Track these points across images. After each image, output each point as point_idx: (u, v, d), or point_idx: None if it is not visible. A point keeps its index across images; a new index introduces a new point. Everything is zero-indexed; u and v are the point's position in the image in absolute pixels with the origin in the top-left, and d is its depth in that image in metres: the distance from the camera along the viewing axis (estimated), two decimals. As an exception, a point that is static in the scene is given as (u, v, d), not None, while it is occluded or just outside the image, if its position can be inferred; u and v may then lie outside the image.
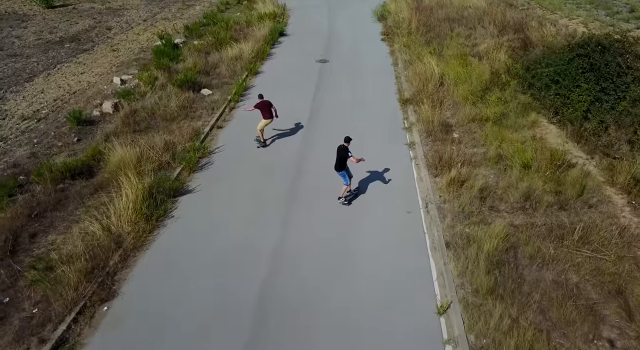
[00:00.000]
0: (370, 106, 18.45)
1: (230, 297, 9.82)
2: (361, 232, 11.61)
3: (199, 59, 22.70)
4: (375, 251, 10.95)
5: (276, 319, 9.30)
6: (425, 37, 25.76)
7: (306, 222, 12.03)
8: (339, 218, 12.15)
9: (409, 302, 9.58)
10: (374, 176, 13.99)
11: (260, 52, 24.19)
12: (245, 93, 19.93)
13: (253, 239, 11.43)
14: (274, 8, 32.42)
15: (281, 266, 10.58)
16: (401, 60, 22.93)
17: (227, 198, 13.00)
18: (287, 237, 11.54)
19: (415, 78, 19.91)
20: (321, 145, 15.53)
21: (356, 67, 22.69)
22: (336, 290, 9.96)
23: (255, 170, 14.37)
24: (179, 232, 11.61)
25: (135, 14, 31.18)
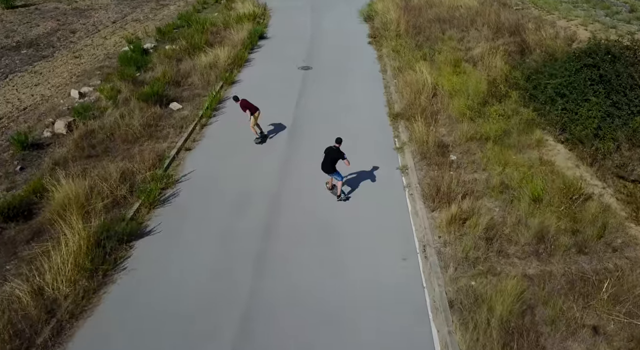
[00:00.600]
0: (357, 122, 16.56)
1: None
2: (347, 286, 9.75)
3: (170, 67, 20.57)
4: (364, 313, 9.11)
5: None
6: (415, 40, 23.91)
7: (282, 272, 10.14)
8: (321, 265, 10.27)
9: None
10: (363, 208, 12.14)
11: (238, 58, 22.12)
12: (219, 107, 17.89)
13: (220, 297, 9.52)
14: (254, 8, 30.27)
15: (253, 332, 8.70)
16: (390, 67, 21.06)
17: (192, 241, 11.04)
18: (260, 290, 9.65)
19: (405, 88, 18.05)
20: (302, 172, 13.63)
21: (341, 75, 20.76)
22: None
23: (226, 202, 12.42)
24: (131, 291, 9.62)
25: (104, 15, 28.82)
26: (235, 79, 20.51)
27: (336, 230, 11.39)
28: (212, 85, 19.41)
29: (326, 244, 10.91)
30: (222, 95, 18.77)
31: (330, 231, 11.34)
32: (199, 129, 16.21)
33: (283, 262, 10.38)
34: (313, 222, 11.63)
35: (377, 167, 13.94)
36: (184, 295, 9.55)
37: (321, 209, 12.16)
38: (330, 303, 9.34)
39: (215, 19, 29.24)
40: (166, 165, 13.76)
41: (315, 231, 11.31)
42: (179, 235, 11.23)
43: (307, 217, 11.81)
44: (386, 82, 19.93)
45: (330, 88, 19.33)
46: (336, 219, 11.78)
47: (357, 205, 12.28)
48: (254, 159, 14.45)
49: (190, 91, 18.90)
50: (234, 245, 10.91)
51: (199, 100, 18.11)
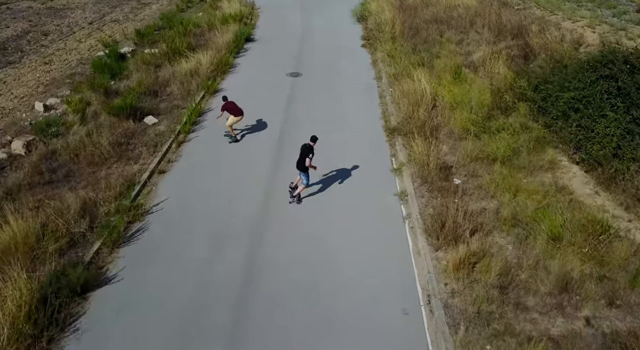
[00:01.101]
0: (350, 137, 14.96)
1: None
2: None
3: (147, 75, 18.81)
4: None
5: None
6: (411, 43, 22.31)
7: (264, 336, 8.58)
8: (307, 328, 8.71)
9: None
10: (355, 245, 10.58)
11: (222, 64, 20.38)
12: (199, 120, 16.22)
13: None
14: (241, 7, 28.46)
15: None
16: (385, 74, 19.44)
17: (160, 291, 9.41)
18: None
19: (402, 99, 16.45)
20: (287, 201, 12.06)
21: (333, 82, 19.12)
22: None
23: (203, 238, 10.80)
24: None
25: (80, 16, 26.90)
26: (219, 87, 18.80)
27: (326, 273, 9.83)
28: (193, 95, 17.70)
29: (314, 294, 9.35)
30: (203, 107, 17.08)
31: (320, 274, 9.78)
32: (176, 147, 14.52)
33: (266, 321, 8.82)
34: (301, 264, 10.07)
35: (372, 193, 12.39)
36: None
37: (310, 247, 10.60)
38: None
39: (200, 19, 27.41)
40: (135, 194, 12.10)
41: (303, 277, 9.74)
42: (145, 283, 9.60)
43: (294, 257, 10.25)
44: (381, 91, 18.32)
45: (321, 97, 17.69)
46: (327, 258, 10.22)
47: (351, 240, 10.73)
48: (236, 182, 12.83)
49: (168, 102, 17.18)
50: (210, 295, 9.32)
51: (178, 112, 16.41)
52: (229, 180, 12.94)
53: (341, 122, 15.94)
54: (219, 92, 18.35)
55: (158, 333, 8.48)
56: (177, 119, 15.95)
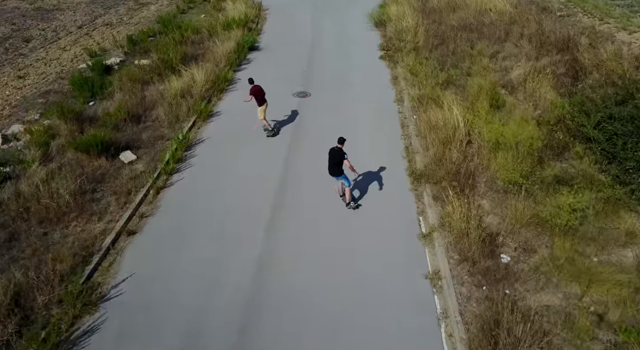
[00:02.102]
0: (367, 184, 12.04)
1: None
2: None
3: (132, 95, 16.01)
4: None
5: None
6: (436, 55, 19.16)
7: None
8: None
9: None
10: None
11: (220, 80, 17.48)
12: (187, 155, 13.39)
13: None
14: (247, 9, 25.44)
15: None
16: (408, 96, 16.34)
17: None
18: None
19: (430, 133, 13.40)
20: (290, 281, 9.18)
21: (347, 105, 16.06)
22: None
23: (176, 340, 8.04)
24: None
25: (70, 18, 24.13)
26: (214, 110, 15.93)
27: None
28: (182, 121, 14.88)
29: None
30: (193, 138, 14.23)
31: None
32: (154, 194, 11.71)
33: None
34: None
35: (395, 271, 9.44)
36: None
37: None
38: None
39: (201, 22, 24.48)
40: (90, 270, 9.35)
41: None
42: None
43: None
44: (403, 118, 15.26)
45: (332, 125, 14.67)
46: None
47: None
48: (224, 249, 9.99)
49: (152, 131, 14.36)
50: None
51: (162, 145, 13.60)
52: (217, 244, 10.12)
53: (355, 161, 12.97)
54: (214, 117, 15.49)
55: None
56: (160, 154, 13.15)
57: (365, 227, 10.58)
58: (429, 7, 24.77)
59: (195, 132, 14.59)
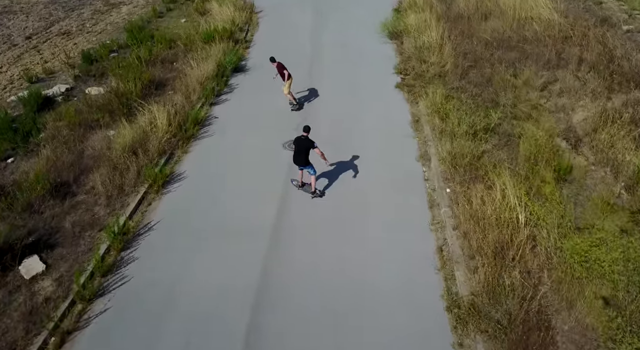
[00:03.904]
0: (379, 321, 7.82)
1: None
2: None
3: (67, 148, 11.74)
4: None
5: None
6: (468, 84, 14.68)
7: None
8: None
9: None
10: None
11: (189, 123, 13.10)
12: (128, 258, 9.16)
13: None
14: (235, 13, 20.72)
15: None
16: (436, 153, 11.89)
17: None
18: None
19: (474, 228, 9.08)
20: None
21: (352, 166, 11.64)
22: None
23: None
24: None
25: (20, 24, 19.56)
26: (175, 171, 11.62)
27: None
28: (128, 194, 10.61)
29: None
30: (138, 223, 9.99)
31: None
32: (57, 343, 7.56)
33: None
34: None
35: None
36: None
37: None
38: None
39: (179, 29, 19.91)
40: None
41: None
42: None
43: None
44: (431, 190, 10.87)
45: (331, 204, 10.41)
46: None
47: None
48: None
49: (82, 211, 10.09)
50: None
51: (90, 240, 9.38)
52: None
53: (364, 271, 8.69)
54: (174, 184, 11.18)
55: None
56: (85, 255, 8.94)
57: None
58: (455, 13, 20.00)
59: (143, 212, 10.32)
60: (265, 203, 10.40)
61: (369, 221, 9.89)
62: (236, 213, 10.11)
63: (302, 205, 10.39)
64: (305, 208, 10.29)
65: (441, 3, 21.08)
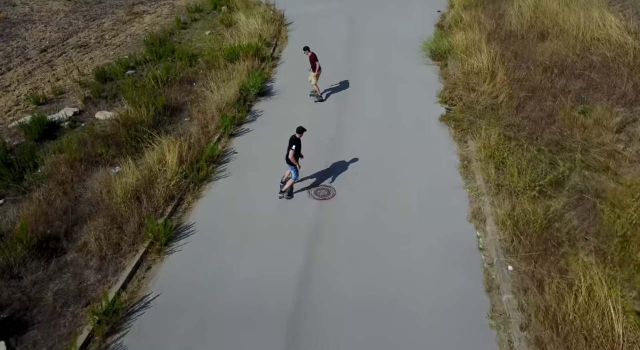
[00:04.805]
0: None
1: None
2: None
3: (63, 191, 10.12)
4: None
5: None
6: (526, 120, 12.42)
7: None
8: None
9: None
10: None
11: (202, 160, 11.30)
12: (112, 348, 7.41)
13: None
14: (263, 26, 18.90)
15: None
16: (493, 218, 9.66)
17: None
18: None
19: (551, 340, 6.89)
20: None
21: (391, 232, 9.58)
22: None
23: None
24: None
25: (37, 35, 18.22)
26: (182, 225, 9.82)
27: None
28: (124, 255, 8.88)
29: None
30: (135, 292, 8.23)
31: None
32: None
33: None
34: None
35: None
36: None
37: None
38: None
39: (203, 42, 18.25)
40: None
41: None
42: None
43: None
44: (489, 268, 8.69)
45: (364, 284, 8.38)
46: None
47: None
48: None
49: (67, 277, 8.36)
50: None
51: (73, 319, 7.67)
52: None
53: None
54: (180, 241, 9.38)
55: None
56: (62, 347, 7.22)
57: None
58: (506, 31, 17.59)
59: (140, 279, 8.54)
60: (284, 278, 8.46)
61: (409, 308, 7.83)
62: (249, 289, 8.21)
63: (329, 282, 8.40)
64: (332, 287, 8.29)
65: (490, 19, 18.68)
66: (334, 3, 22.59)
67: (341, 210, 10.14)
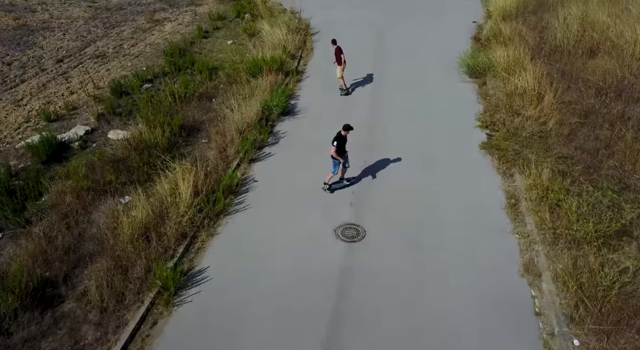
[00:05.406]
0: None
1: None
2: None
3: (64, 226, 9.10)
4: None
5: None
6: (582, 155, 10.91)
7: None
8: None
9: None
10: None
11: (221, 189, 10.16)
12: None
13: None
14: (287, 36, 17.70)
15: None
16: (551, 275, 8.23)
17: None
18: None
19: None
20: None
21: (428, 287, 8.21)
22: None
23: None
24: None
25: (55, 44, 17.39)
26: (194, 269, 8.68)
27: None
28: (128, 306, 7.77)
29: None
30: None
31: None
32: None
33: None
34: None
35: None
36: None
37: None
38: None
39: (225, 53, 17.17)
40: None
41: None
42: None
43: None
44: (549, 340, 7.20)
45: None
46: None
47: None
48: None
49: (63, 334, 7.22)
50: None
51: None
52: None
53: None
54: (187, 292, 8.23)
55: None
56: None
57: None
58: (551, 46, 15.99)
59: (144, 338, 7.39)
60: (307, 337, 7.24)
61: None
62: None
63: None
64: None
65: (532, 31, 17.09)
66: (363, 11, 21.27)
67: (371, 254, 8.84)
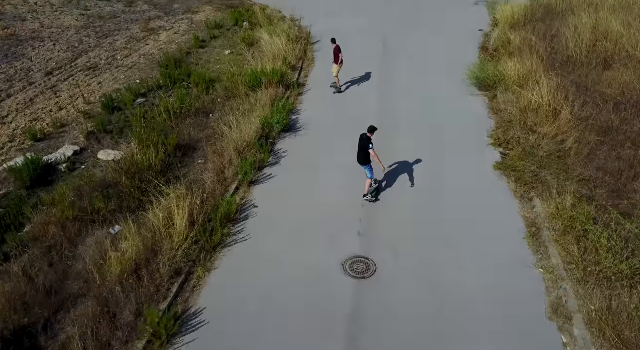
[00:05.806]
0: None
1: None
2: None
3: (47, 263, 8.27)
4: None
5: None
6: (604, 177, 10.14)
7: None
8: None
9: None
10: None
11: (219, 218, 9.32)
12: None
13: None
14: (287, 46, 16.85)
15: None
16: (583, 319, 7.41)
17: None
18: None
19: None
20: None
21: (445, 332, 7.37)
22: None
23: None
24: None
25: (45, 55, 16.50)
26: (189, 311, 7.81)
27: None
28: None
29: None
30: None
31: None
32: None
33: None
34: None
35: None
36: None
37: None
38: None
39: (223, 64, 16.36)
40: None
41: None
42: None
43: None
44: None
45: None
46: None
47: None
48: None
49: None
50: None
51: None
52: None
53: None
54: (182, 340, 7.39)
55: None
56: None
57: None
58: (563, 57, 15.20)
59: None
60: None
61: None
62: None
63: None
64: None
65: (542, 41, 16.31)
66: (366, 18, 20.43)
67: (383, 292, 8.04)
